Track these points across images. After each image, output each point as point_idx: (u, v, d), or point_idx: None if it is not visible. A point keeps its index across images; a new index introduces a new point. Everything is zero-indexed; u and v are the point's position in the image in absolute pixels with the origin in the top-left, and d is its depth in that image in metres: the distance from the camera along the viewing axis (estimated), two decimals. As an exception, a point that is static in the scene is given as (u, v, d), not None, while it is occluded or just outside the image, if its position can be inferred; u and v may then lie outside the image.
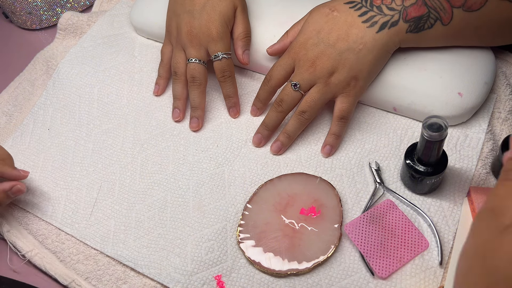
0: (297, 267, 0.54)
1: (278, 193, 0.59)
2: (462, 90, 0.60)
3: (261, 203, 0.59)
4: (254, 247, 0.56)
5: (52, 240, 0.61)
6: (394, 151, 0.62)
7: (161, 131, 0.68)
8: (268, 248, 0.56)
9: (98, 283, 0.58)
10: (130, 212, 0.61)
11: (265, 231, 0.57)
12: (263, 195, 0.60)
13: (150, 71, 0.74)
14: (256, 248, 0.56)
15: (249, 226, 0.58)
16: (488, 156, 0.60)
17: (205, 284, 0.55)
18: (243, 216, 0.59)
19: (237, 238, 0.57)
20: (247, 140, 0.65)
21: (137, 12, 0.77)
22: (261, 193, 0.60)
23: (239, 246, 0.57)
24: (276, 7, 0.69)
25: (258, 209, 0.59)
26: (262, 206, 0.59)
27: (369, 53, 0.58)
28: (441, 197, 0.58)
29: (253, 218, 0.58)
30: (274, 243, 0.56)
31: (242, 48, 0.66)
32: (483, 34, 0.60)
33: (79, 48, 0.78)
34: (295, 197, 0.59)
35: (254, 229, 0.57)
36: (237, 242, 0.57)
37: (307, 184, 0.60)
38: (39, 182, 0.65)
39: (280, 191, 0.60)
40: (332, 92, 0.60)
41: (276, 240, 0.56)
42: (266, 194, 0.60)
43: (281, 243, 0.56)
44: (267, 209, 0.58)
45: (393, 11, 0.58)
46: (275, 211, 0.58)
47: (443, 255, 0.54)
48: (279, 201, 0.59)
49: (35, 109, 0.73)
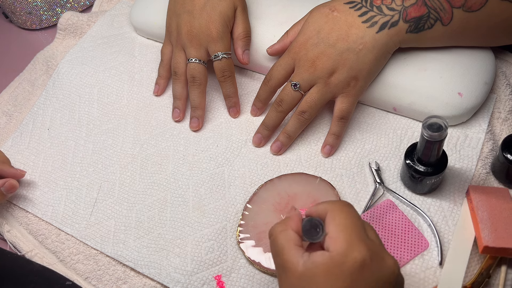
0: None
1: (278, 193, 0.59)
2: (462, 90, 0.60)
3: (261, 203, 0.59)
4: (254, 247, 0.56)
5: (52, 240, 0.61)
6: (394, 151, 0.62)
7: (161, 131, 0.68)
8: (268, 248, 0.56)
9: (98, 283, 0.58)
10: (130, 212, 0.61)
11: (265, 231, 0.57)
12: (263, 195, 0.60)
13: (150, 71, 0.74)
14: (256, 248, 0.56)
15: (249, 226, 0.58)
16: (488, 156, 0.60)
17: (205, 284, 0.55)
18: (243, 216, 0.58)
19: (237, 238, 0.57)
20: (247, 140, 0.65)
21: (137, 12, 0.77)
22: (261, 193, 0.60)
23: (239, 246, 0.57)
24: (276, 7, 0.69)
25: (258, 209, 0.59)
26: (262, 206, 0.59)
27: (369, 53, 0.58)
28: (441, 197, 0.58)
29: (253, 218, 0.58)
30: None
31: (242, 48, 0.66)
32: (483, 34, 0.60)
33: (79, 48, 0.78)
34: (295, 197, 0.59)
35: (254, 229, 0.57)
36: (237, 242, 0.57)
37: (307, 184, 0.60)
38: (39, 182, 0.65)
39: (280, 191, 0.60)
40: (332, 92, 0.60)
41: None
42: (266, 194, 0.60)
43: None
44: (267, 209, 0.58)
45: (393, 11, 0.58)
46: (275, 211, 0.58)
47: (443, 255, 0.54)
48: (279, 201, 0.59)
49: (34, 109, 0.73)
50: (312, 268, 0.39)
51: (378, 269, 0.39)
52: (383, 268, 0.40)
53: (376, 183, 0.59)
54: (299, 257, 0.40)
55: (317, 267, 0.39)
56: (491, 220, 0.53)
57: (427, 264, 0.54)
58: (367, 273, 0.39)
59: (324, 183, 0.59)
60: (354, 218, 0.42)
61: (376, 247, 0.41)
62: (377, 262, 0.40)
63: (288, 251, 0.41)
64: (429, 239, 0.55)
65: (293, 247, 0.41)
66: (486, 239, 0.52)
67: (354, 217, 0.42)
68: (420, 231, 0.56)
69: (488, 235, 0.52)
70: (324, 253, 0.40)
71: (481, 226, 0.53)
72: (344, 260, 0.39)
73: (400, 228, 0.56)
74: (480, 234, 0.52)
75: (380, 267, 0.40)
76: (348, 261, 0.39)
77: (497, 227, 0.53)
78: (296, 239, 0.42)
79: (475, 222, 0.54)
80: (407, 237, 0.55)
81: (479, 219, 0.53)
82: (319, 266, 0.39)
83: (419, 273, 0.53)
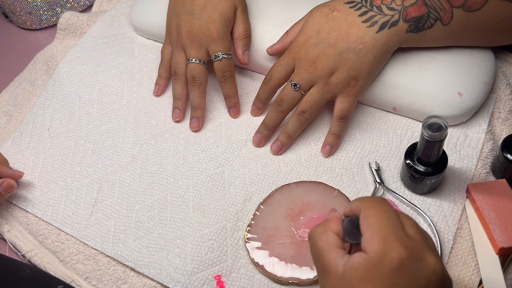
0: (299, 277, 0.53)
1: (293, 199, 0.58)
2: (462, 90, 0.60)
3: (274, 206, 0.58)
4: (259, 249, 0.56)
5: (52, 240, 0.61)
6: (394, 151, 0.62)
7: (161, 131, 0.68)
8: (274, 252, 0.55)
9: (98, 283, 0.58)
10: (130, 212, 0.61)
11: (273, 235, 0.56)
12: (278, 198, 0.59)
13: (150, 71, 0.74)
14: (262, 250, 0.56)
15: (258, 227, 0.57)
16: (488, 156, 0.60)
17: (205, 284, 0.55)
18: (254, 216, 0.58)
19: (245, 237, 0.57)
20: (247, 140, 0.65)
21: (137, 12, 0.77)
22: (277, 196, 0.59)
23: (245, 246, 0.56)
24: (276, 7, 0.69)
25: (271, 211, 0.58)
26: (275, 210, 0.58)
27: (369, 53, 0.58)
28: (441, 197, 0.58)
29: (264, 220, 0.58)
30: (281, 248, 0.55)
31: (242, 48, 0.66)
32: (483, 34, 0.60)
33: (79, 48, 0.78)
34: (309, 205, 0.58)
35: (263, 231, 0.57)
36: (244, 242, 0.57)
37: (324, 195, 0.58)
38: (39, 182, 0.65)
39: (294, 197, 0.59)
40: (332, 92, 0.60)
41: (283, 246, 0.55)
42: (281, 198, 0.59)
43: (287, 250, 0.55)
44: (279, 213, 0.58)
45: (393, 11, 0.58)
46: (286, 217, 0.57)
47: (443, 255, 0.54)
48: (293, 207, 0.58)
49: (34, 109, 0.73)
50: (350, 271, 0.39)
51: (418, 268, 0.38)
52: (424, 267, 0.38)
53: (376, 183, 0.59)
54: (339, 260, 0.40)
55: (355, 269, 0.38)
56: (499, 219, 0.53)
57: (427, 264, 0.54)
58: (406, 273, 0.37)
59: (341, 196, 0.58)
60: (388, 214, 0.40)
61: (416, 244, 0.39)
62: (417, 261, 0.38)
63: (328, 254, 0.40)
64: (429, 239, 0.55)
65: (333, 249, 0.40)
66: (500, 240, 0.52)
67: (389, 213, 0.40)
68: (420, 231, 0.56)
69: (500, 235, 0.52)
70: (362, 254, 0.39)
71: (491, 227, 0.53)
72: (381, 260, 0.38)
73: (400, 228, 0.56)
74: (492, 236, 0.52)
75: (420, 266, 0.38)
76: (385, 261, 0.37)
77: (507, 224, 0.52)
78: (336, 241, 0.41)
79: (484, 223, 0.54)
80: (407, 237, 0.55)
81: (488, 219, 0.53)
82: (358, 269, 0.38)
83: (419, 273, 0.53)
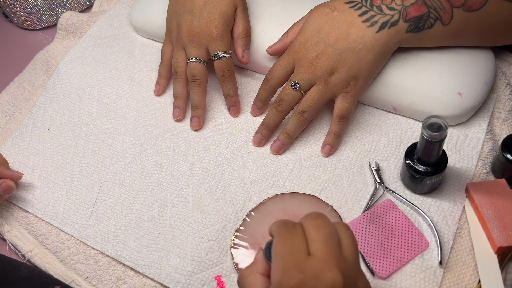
0: None
1: (284, 209, 0.58)
2: (462, 90, 0.60)
3: (265, 215, 0.58)
4: (244, 256, 0.55)
5: (52, 240, 0.61)
6: (394, 151, 0.62)
7: (161, 131, 0.68)
8: None
9: (98, 283, 0.58)
10: (130, 212, 0.61)
11: (260, 243, 0.56)
12: (270, 207, 0.59)
13: (150, 71, 0.74)
14: (246, 258, 0.55)
15: (246, 233, 0.57)
16: (488, 156, 0.60)
17: (205, 285, 0.55)
18: (243, 222, 0.58)
19: (232, 241, 0.57)
20: (247, 140, 0.65)
21: (137, 12, 0.77)
22: (269, 205, 0.59)
23: (230, 250, 0.56)
24: (276, 7, 0.69)
25: (261, 219, 0.58)
26: (265, 218, 0.58)
27: (369, 53, 0.58)
28: (441, 197, 0.58)
29: (253, 227, 0.57)
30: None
31: (242, 48, 0.66)
32: (483, 34, 0.60)
33: (79, 48, 0.78)
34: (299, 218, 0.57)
35: (251, 238, 0.57)
36: (230, 246, 0.56)
37: (317, 210, 0.58)
38: (39, 182, 0.65)
39: (286, 208, 0.58)
40: (332, 91, 0.60)
41: None
42: (273, 207, 0.58)
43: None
44: (269, 222, 0.57)
45: (393, 11, 0.58)
46: None
47: (443, 255, 0.54)
48: (283, 218, 0.58)
49: (34, 109, 0.73)
50: None
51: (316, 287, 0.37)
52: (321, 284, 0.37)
53: (376, 183, 0.59)
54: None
55: None
56: (498, 218, 0.53)
57: (427, 264, 0.54)
58: None
59: (333, 213, 0.57)
60: (293, 241, 0.39)
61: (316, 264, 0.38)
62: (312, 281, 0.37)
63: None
64: (429, 239, 0.55)
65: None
66: (498, 239, 0.52)
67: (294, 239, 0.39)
68: (420, 231, 0.56)
69: (499, 235, 0.52)
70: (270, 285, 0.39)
71: (490, 226, 0.53)
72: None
73: (400, 228, 0.56)
74: (491, 235, 0.52)
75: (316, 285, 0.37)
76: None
77: (505, 224, 0.52)
78: (263, 281, 0.41)
79: (483, 222, 0.54)
80: (407, 237, 0.55)
81: (486, 218, 0.53)
82: None
83: (419, 273, 0.53)
